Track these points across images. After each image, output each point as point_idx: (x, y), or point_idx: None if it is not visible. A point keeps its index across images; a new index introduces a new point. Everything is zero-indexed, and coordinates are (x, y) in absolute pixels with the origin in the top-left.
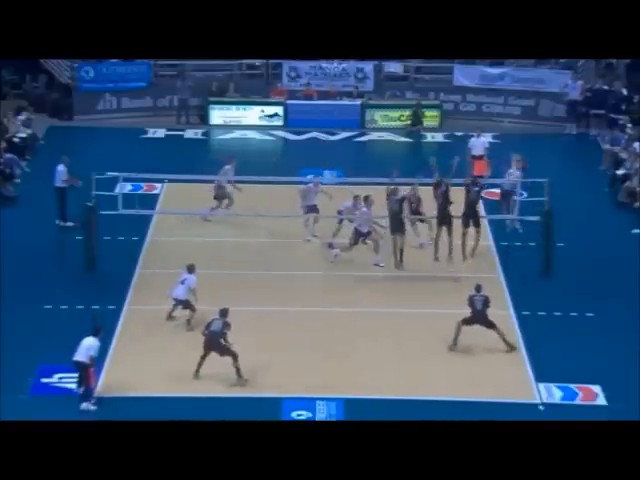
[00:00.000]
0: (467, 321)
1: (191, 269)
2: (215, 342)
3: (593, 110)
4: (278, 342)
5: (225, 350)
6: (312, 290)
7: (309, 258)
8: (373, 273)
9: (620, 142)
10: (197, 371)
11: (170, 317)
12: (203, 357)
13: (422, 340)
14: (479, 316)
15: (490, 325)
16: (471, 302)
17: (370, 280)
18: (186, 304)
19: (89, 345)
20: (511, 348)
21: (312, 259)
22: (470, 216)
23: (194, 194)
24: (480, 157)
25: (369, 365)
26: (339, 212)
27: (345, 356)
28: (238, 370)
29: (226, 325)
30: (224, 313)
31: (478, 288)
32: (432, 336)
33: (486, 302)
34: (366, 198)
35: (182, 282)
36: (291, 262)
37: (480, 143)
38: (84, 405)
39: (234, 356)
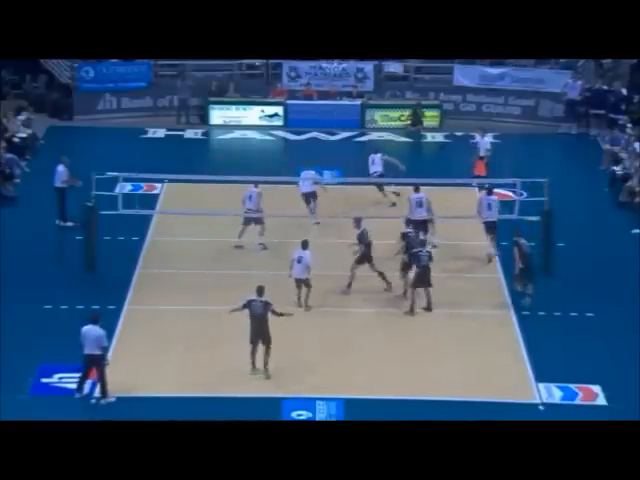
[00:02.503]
0: (416, 283)
1: (305, 245)
2: (261, 326)
3: (593, 110)
4: (278, 342)
5: (267, 338)
6: (312, 290)
7: None
8: (373, 274)
9: (620, 142)
10: (253, 365)
11: (298, 299)
12: (254, 348)
13: (422, 340)
14: (425, 271)
15: (429, 283)
16: (417, 258)
17: (371, 280)
18: (306, 282)
19: (97, 336)
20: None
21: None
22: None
23: (194, 194)
24: (481, 158)
25: (369, 365)
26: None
27: (345, 356)
28: (267, 363)
29: (267, 305)
30: (261, 292)
31: (422, 243)
32: (432, 336)
33: (430, 257)
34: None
35: (298, 261)
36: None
37: (483, 144)
38: (102, 401)
39: (269, 346)
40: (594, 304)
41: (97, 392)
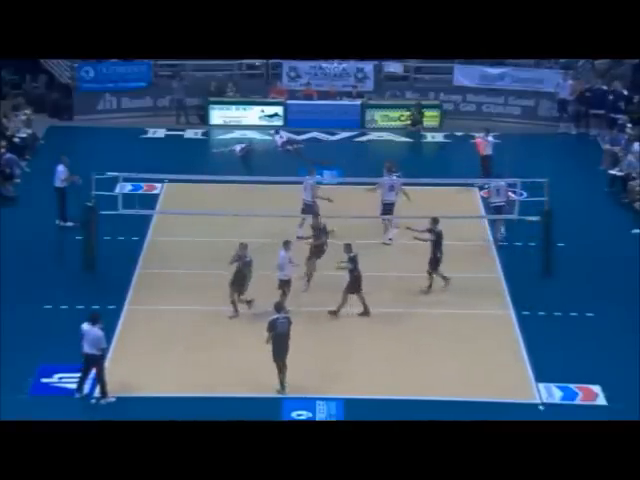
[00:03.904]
0: (350, 288)
1: (284, 245)
2: (286, 343)
3: (593, 110)
4: None
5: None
6: (311, 290)
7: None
8: (373, 274)
9: (620, 142)
10: (282, 384)
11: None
12: (280, 366)
13: (422, 340)
14: (359, 277)
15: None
16: (354, 263)
17: (370, 280)
18: (280, 284)
19: (96, 337)
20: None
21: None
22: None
23: (194, 194)
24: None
25: (369, 365)
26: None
27: (345, 356)
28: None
29: (290, 323)
30: (280, 308)
31: (349, 248)
32: (432, 336)
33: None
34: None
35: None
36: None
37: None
38: (102, 401)
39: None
40: (594, 304)
41: (97, 392)
